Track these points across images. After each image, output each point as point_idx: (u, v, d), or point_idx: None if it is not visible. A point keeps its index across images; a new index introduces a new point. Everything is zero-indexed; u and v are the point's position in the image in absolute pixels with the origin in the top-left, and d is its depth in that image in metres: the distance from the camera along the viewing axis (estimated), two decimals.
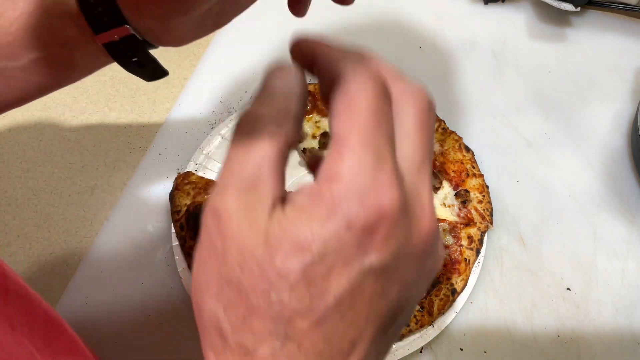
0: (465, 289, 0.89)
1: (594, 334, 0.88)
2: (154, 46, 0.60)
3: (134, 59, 0.58)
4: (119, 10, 0.52)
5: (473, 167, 1.01)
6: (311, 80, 1.27)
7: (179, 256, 0.92)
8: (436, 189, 0.97)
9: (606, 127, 1.12)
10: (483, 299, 0.92)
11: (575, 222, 1.00)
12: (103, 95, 1.17)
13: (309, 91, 1.08)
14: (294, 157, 1.07)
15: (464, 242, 0.92)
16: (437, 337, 0.86)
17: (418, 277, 0.30)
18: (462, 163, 1.00)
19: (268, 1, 1.30)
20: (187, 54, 1.23)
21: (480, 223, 0.95)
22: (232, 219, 0.28)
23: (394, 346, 0.85)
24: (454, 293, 0.87)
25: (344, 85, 0.29)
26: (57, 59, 0.57)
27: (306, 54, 0.34)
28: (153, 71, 0.61)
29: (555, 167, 1.06)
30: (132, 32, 0.54)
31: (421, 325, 0.85)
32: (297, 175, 1.06)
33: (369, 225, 0.26)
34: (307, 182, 0.31)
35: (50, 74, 0.59)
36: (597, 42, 1.24)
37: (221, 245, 0.28)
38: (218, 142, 1.06)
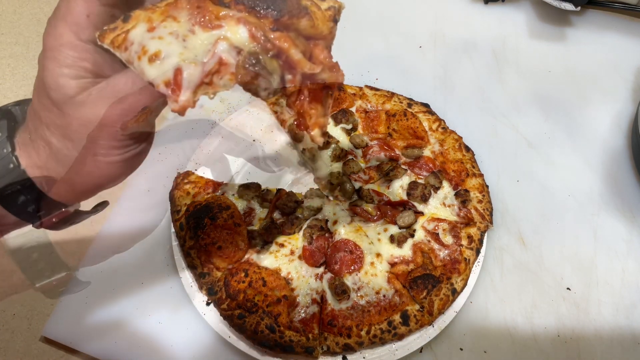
0: (465, 288, 0.89)
1: (594, 333, 0.88)
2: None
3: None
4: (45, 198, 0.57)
5: (473, 167, 1.01)
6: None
7: (178, 256, 0.92)
8: (436, 188, 0.97)
9: (606, 126, 1.12)
10: (483, 299, 0.92)
11: (576, 222, 1.00)
12: None
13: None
14: (294, 156, 1.08)
15: (464, 242, 0.92)
16: (437, 337, 0.86)
17: None
18: (462, 163, 1.00)
19: None
20: None
21: (480, 223, 0.95)
22: None
23: (394, 346, 0.85)
24: (454, 293, 0.87)
25: None
26: None
27: None
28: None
29: (555, 167, 1.06)
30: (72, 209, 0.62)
31: (421, 325, 0.85)
32: (297, 174, 1.06)
33: None
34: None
35: None
36: (597, 42, 1.24)
37: None
38: (218, 142, 1.06)
